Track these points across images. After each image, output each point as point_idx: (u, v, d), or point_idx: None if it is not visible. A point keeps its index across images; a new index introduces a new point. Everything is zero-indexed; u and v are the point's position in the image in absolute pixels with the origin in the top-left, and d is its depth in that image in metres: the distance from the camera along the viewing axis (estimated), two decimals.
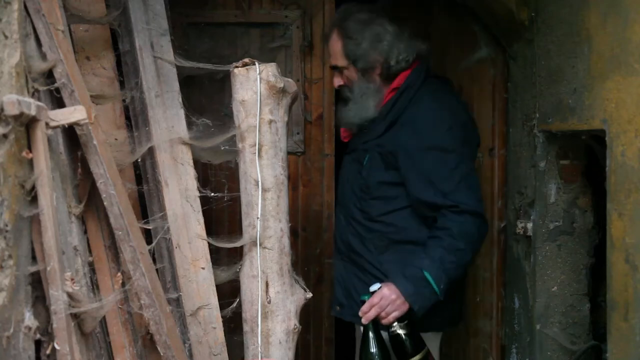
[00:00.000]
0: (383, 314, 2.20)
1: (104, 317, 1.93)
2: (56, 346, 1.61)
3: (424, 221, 2.32)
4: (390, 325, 2.22)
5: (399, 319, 2.21)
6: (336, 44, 2.41)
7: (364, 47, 2.36)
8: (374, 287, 2.24)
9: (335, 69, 2.46)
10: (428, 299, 2.21)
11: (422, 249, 2.26)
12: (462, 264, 2.26)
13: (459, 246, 2.22)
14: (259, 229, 2.08)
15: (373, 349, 2.22)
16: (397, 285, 2.20)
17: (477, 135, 2.51)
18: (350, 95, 2.42)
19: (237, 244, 2.13)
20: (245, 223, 2.13)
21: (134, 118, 2.22)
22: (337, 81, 2.46)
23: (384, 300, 2.19)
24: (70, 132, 1.87)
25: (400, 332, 2.21)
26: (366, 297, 2.24)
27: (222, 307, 2.14)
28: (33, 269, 1.63)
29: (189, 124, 2.20)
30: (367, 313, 2.21)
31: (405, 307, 2.19)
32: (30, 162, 1.60)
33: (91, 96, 2.00)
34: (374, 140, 2.37)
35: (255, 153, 2.09)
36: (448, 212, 2.23)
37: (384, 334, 2.27)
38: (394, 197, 2.34)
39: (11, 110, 1.45)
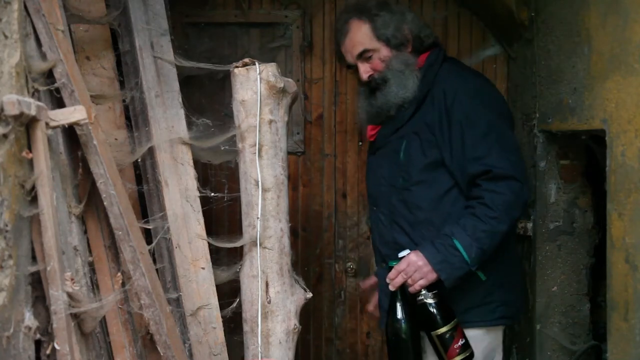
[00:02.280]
0: (410, 281, 2.10)
1: (104, 317, 1.93)
2: (56, 346, 1.61)
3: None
4: (417, 294, 2.11)
5: (428, 288, 2.10)
6: (361, 30, 2.30)
7: (394, 23, 2.29)
8: (402, 254, 2.13)
9: (361, 57, 2.31)
10: (458, 269, 2.09)
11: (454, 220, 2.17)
12: (496, 232, 2.11)
13: (492, 214, 2.10)
14: (259, 229, 2.09)
15: (400, 317, 2.11)
16: (424, 252, 2.10)
17: (508, 110, 2.38)
18: (387, 76, 2.28)
19: (237, 244, 2.13)
20: (245, 223, 2.13)
21: (134, 118, 2.22)
22: (366, 71, 2.32)
23: (411, 266, 2.09)
24: (70, 132, 1.87)
25: (428, 301, 2.09)
26: (394, 263, 2.14)
27: (222, 307, 2.14)
28: (33, 269, 1.63)
29: (189, 124, 2.20)
30: (394, 280, 2.12)
31: (432, 276, 2.09)
32: (30, 162, 1.60)
33: (91, 96, 2.00)
34: (406, 125, 2.27)
35: (255, 153, 2.09)
36: (481, 180, 2.13)
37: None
38: (436, 180, 2.23)
39: (11, 110, 1.45)
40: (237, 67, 2.11)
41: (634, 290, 1.81)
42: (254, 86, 2.08)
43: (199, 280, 2.12)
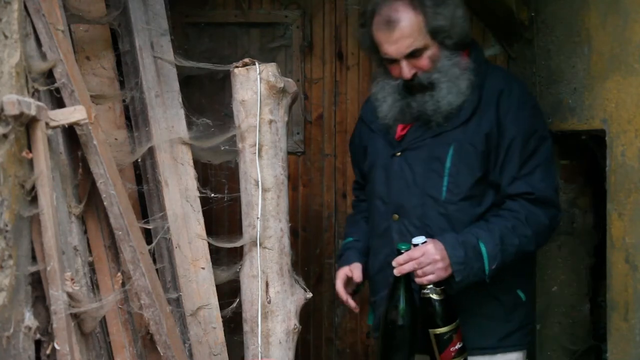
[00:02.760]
0: (419, 272, 1.90)
1: (104, 317, 1.93)
2: (56, 346, 1.61)
3: None
4: (423, 286, 1.93)
5: (435, 283, 1.92)
6: (414, 22, 1.97)
7: (449, 18, 1.99)
8: (418, 240, 1.93)
9: (411, 55, 2.00)
10: (473, 275, 1.91)
11: (481, 222, 1.99)
12: (522, 251, 1.96)
13: (526, 232, 1.95)
14: (259, 229, 2.08)
15: (401, 306, 1.93)
16: (447, 247, 1.90)
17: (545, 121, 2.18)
18: (439, 79, 2.00)
19: (237, 244, 2.13)
20: (245, 223, 2.13)
21: (134, 118, 2.22)
22: (410, 69, 2.01)
23: (426, 257, 1.88)
24: (70, 132, 1.87)
25: (434, 297, 1.92)
26: (404, 246, 1.93)
27: (222, 307, 2.14)
28: (33, 269, 1.63)
29: (189, 124, 2.20)
30: (402, 266, 1.91)
31: (445, 274, 1.90)
32: (30, 162, 1.60)
33: (91, 96, 2.00)
34: (455, 131, 2.01)
35: (255, 153, 2.09)
36: (521, 199, 1.97)
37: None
38: (484, 195, 2.02)
39: (11, 110, 1.45)
40: (237, 67, 2.11)
41: (634, 290, 1.81)
42: (254, 86, 2.08)
43: (199, 280, 2.12)
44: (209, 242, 2.14)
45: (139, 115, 2.20)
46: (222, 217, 2.87)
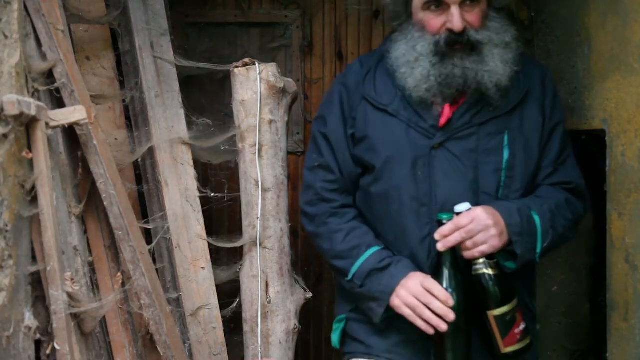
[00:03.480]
0: (469, 243, 1.59)
1: (104, 317, 1.93)
2: (56, 346, 1.61)
3: None
4: (473, 262, 1.63)
5: (488, 255, 1.63)
6: None
7: None
8: (462, 207, 1.63)
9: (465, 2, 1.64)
10: (530, 251, 1.63)
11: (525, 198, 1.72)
12: (565, 235, 1.73)
13: (568, 215, 1.73)
14: (259, 229, 2.09)
15: (449, 286, 1.63)
16: (501, 211, 1.61)
17: None
18: (491, 40, 1.66)
19: (237, 244, 2.13)
20: (245, 223, 2.13)
21: (134, 118, 2.22)
22: (461, 21, 1.62)
23: (476, 223, 1.58)
24: (70, 132, 1.87)
25: (488, 272, 1.61)
26: (446, 216, 1.63)
27: (222, 307, 2.14)
28: (33, 269, 1.63)
29: (189, 124, 2.20)
30: (447, 237, 1.59)
31: (500, 244, 1.60)
32: (30, 162, 1.60)
33: (91, 96, 2.00)
34: (509, 116, 1.70)
35: (255, 153, 2.09)
36: (558, 186, 1.77)
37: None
38: (530, 190, 1.77)
39: (11, 110, 1.45)
40: (237, 67, 2.11)
41: (634, 290, 1.81)
42: (254, 86, 2.08)
43: (199, 280, 2.12)
44: (209, 242, 2.14)
45: (139, 115, 2.20)
46: (222, 217, 2.87)
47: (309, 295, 2.17)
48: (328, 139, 1.83)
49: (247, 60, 2.12)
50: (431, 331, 1.62)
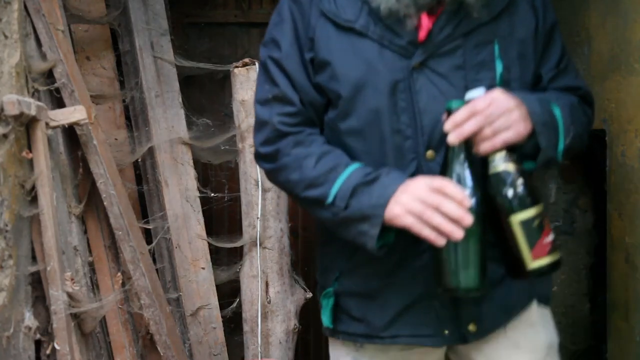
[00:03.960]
0: (489, 130, 1.29)
1: (104, 317, 1.93)
2: (56, 346, 1.61)
3: None
4: (489, 158, 1.31)
5: (508, 148, 1.31)
6: None
7: None
8: (474, 93, 1.32)
9: None
10: (552, 147, 1.37)
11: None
12: (585, 133, 1.47)
13: (583, 118, 1.47)
14: (259, 229, 2.09)
15: (468, 187, 1.28)
16: (522, 97, 1.34)
17: None
18: None
19: (237, 244, 2.13)
20: (245, 223, 2.13)
21: (134, 118, 2.22)
22: None
23: (495, 107, 1.29)
24: (70, 132, 1.87)
25: (510, 168, 1.30)
26: (457, 104, 1.31)
27: (222, 307, 2.14)
28: (33, 269, 1.63)
29: (189, 124, 2.20)
30: (462, 124, 1.29)
31: (525, 130, 1.31)
32: (30, 162, 1.60)
33: (91, 96, 2.00)
34: (497, 20, 1.43)
35: None
36: (572, 92, 1.50)
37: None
38: None
39: (11, 110, 1.45)
40: (237, 67, 2.11)
41: (634, 290, 1.81)
42: (254, 86, 2.08)
43: (199, 280, 2.12)
44: (209, 242, 2.14)
45: (139, 115, 2.20)
46: (222, 217, 2.86)
47: (309, 295, 2.17)
48: (282, 65, 1.48)
49: (247, 60, 2.12)
50: (442, 242, 1.27)
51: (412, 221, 1.30)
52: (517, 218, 1.31)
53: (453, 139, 1.30)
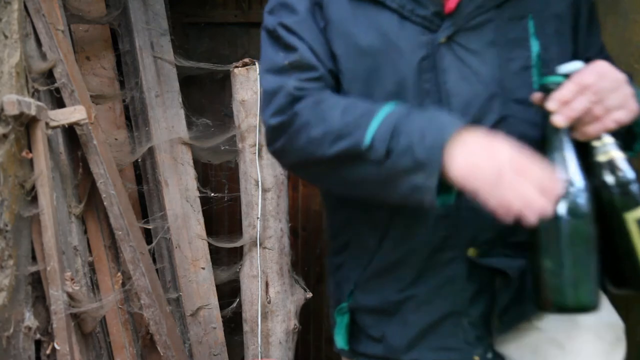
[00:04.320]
0: (599, 108, 1.08)
1: (104, 317, 1.93)
2: (56, 346, 1.61)
3: None
4: (592, 145, 1.11)
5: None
6: None
7: None
8: (570, 66, 1.11)
9: None
10: None
11: None
12: None
13: None
14: (259, 229, 2.09)
15: (579, 179, 1.05)
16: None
17: None
18: None
19: (237, 244, 2.13)
20: (245, 223, 2.13)
21: (134, 118, 2.22)
22: None
23: (605, 79, 1.09)
24: (70, 132, 1.87)
25: (620, 155, 1.10)
26: (554, 78, 1.10)
27: (222, 307, 2.14)
28: (33, 269, 1.63)
29: (189, 124, 2.20)
30: (569, 102, 1.07)
31: (637, 110, 1.11)
32: (30, 162, 1.60)
33: (91, 96, 2.00)
34: None
35: (255, 153, 2.09)
36: None
37: None
38: None
39: (11, 110, 1.45)
40: (237, 67, 2.11)
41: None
42: (254, 86, 2.08)
43: (199, 280, 2.12)
44: (209, 242, 2.14)
45: (139, 115, 2.20)
46: (222, 217, 2.87)
47: (309, 295, 2.17)
48: (298, 30, 1.27)
49: (247, 60, 2.12)
50: (533, 218, 0.99)
51: (486, 183, 1.00)
52: (633, 216, 1.09)
53: (560, 120, 1.07)
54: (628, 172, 1.09)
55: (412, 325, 1.25)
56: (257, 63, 2.11)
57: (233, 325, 2.22)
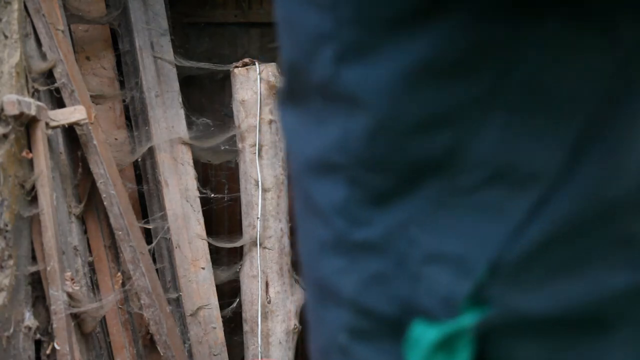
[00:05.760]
0: None
1: (104, 317, 1.93)
2: (56, 346, 1.61)
3: None
4: None
5: None
6: None
7: None
8: None
9: None
10: None
11: None
12: None
13: None
14: (259, 229, 2.08)
15: None
16: None
17: None
18: None
19: (237, 244, 2.13)
20: (245, 223, 2.13)
21: (134, 118, 2.22)
22: None
23: None
24: (70, 132, 1.87)
25: None
26: None
27: (222, 307, 2.14)
28: (33, 269, 1.63)
29: (189, 124, 2.20)
30: None
31: None
32: (30, 162, 1.60)
33: (91, 96, 2.00)
34: None
35: (255, 153, 2.09)
36: None
37: None
38: None
39: (11, 110, 1.45)
40: (237, 67, 2.11)
41: None
42: (254, 86, 2.08)
43: (199, 280, 2.12)
44: (209, 242, 2.14)
45: (139, 115, 2.20)
46: (222, 217, 2.86)
47: None
48: None
49: (247, 60, 2.12)
50: None
51: None
52: None
53: None
54: None
55: None
56: (257, 63, 2.11)
57: (233, 325, 2.22)
